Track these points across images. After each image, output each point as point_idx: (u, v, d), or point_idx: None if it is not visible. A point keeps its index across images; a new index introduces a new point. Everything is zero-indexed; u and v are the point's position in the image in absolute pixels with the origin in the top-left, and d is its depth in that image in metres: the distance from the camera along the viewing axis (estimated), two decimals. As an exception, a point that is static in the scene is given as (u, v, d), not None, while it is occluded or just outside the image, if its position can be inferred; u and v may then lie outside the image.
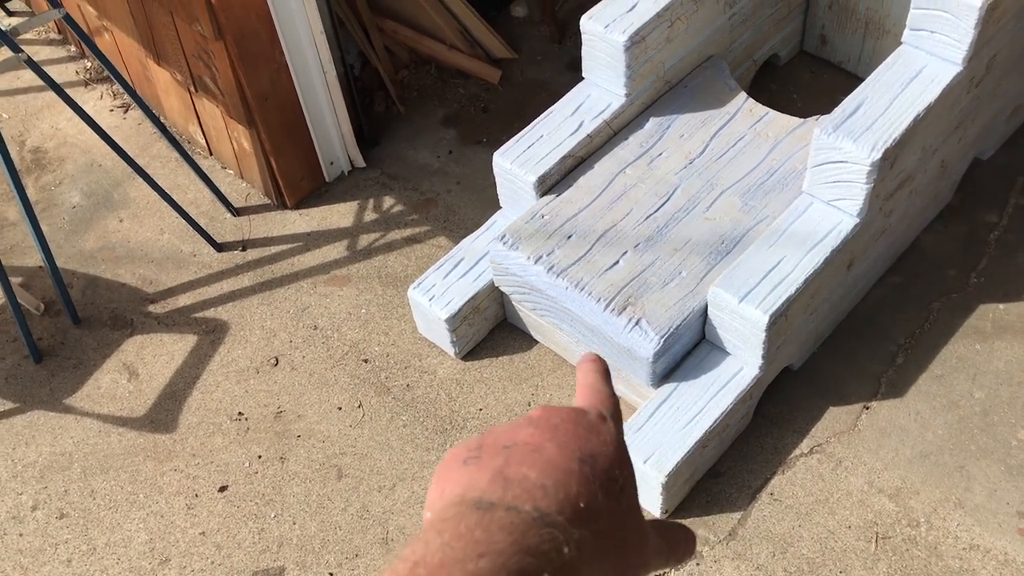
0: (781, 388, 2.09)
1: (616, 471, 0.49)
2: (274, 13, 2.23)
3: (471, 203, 2.55)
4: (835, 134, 1.85)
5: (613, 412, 0.54)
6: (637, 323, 1.91)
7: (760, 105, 2.27)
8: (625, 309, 1.93)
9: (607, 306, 1.94)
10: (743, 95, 2.29)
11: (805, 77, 2.71)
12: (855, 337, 2.17)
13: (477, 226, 2.38)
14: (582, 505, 0.46)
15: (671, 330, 1.89)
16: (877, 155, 1.82)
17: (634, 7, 2.14)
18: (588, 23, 2.14)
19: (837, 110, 1.90)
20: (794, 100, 2.66)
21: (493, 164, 2.18)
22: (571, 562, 0.43)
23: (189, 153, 2.79)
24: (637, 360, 1.92)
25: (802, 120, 2.24)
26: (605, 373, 0.58)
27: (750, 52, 2.54)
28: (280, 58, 2.31)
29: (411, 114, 2.78)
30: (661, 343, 1.88)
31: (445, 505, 0.46)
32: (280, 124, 2.42)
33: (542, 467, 0.47)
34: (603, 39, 2.12)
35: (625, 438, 0.54)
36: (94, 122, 2.26)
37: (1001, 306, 2.19)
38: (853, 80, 2.65)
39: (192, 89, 2.53)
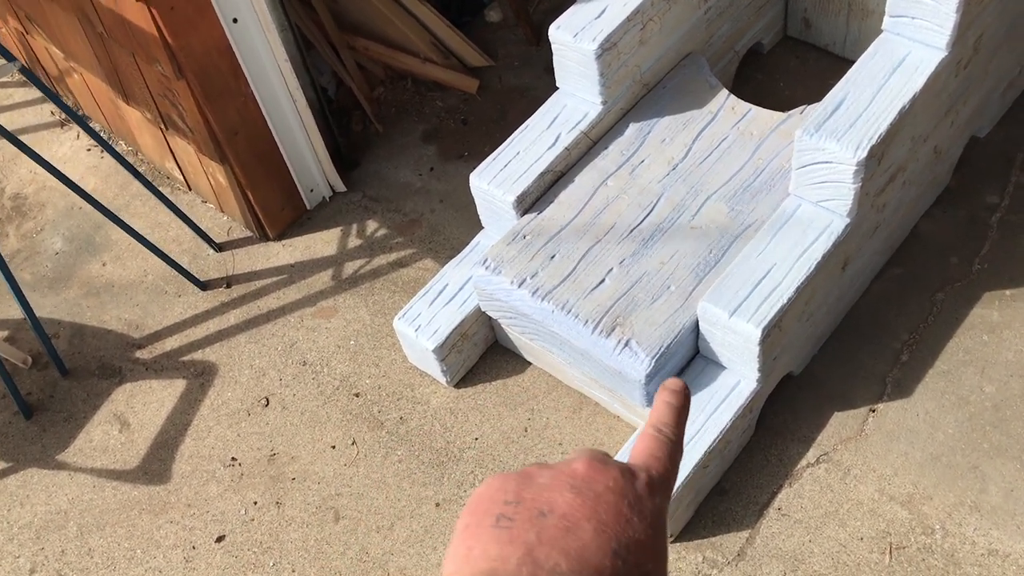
0: (783, 395, 2.03)
1: (649, 564, 0.48)
2: (235, 46, 2.17)
3: (455, 221, 2.48)
4: (818, 134, 1.78)
5: (664, 480, 0.52)
6: (627, 344, 1.84)
7: (742, 102, 2.19)
8: (614, 330, 1.87)
9: (595, 328, 1.88)
10: (724, 92, 2.21)
11: (791, 63, 2.62)
12: (857, 336, 2.09)
13: (463, 245, 2.32)
14: None
15: (662, 349, 1.83)
16: (863, 154, 1.74)
17: (603, 12, 2.06)
18: (556, 32, 2.06)
19: (819, 107, 1.82)
20: (781, 89, 2.57)
21: (471, 185, 2.12)
22: None
23: (167, 188, 2.74)
24: (629, 382, 1.86)
25: (786, 114, 2.16)
26: (681, 410, 0.56)
27: (731, 43, 2.46)
28: (246, 90, 2.25)
29: (390, 132, 2.71)
30: (652, 364, 1.82)
31: None
32: (253, 157, 2.36)
33: (575, 557, 0.46)
34: (573, 48, 2.05)
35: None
36: (63, 175, 2.21)
37: (1007, 292, 2.11)
38: (840, 63, 2.56)
39: (163, 127, 2.47)
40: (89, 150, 2.90)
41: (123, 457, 2.23)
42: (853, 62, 2.52)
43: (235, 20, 2.15)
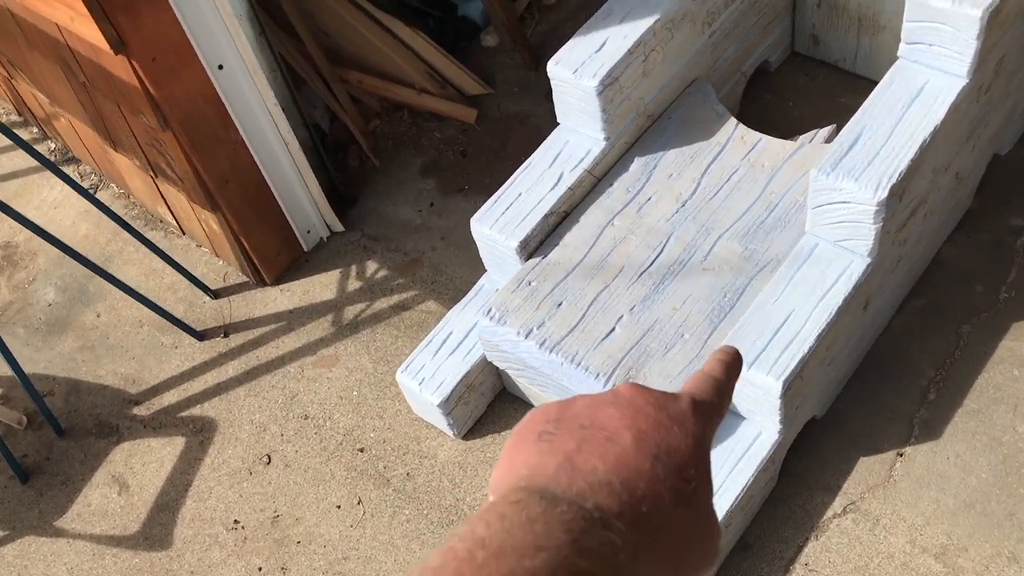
0: (806, 440, 1.93)
1: (692, 470, 0.48)
2: (222, 93, 2.09)
3: (457, 260, 2.40)
4: (834, 173, 1.68)
5: (708, 405, 0.52)
6: (640, 399, 1.75)
7: (751, 131, 2.09)
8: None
9: (607, 382, 1.79)
10: (732, 121, 2.12)
11: (800, 81, 2.53)
12: (880, 375, 2.00)
13: (466, 285, 2.24)
14: (645, 509, 0.46)
15: (677, 404, 1.74)
16: (883, 194, 1.64)
17: (603, 45, 1.97)
18: (555, 68, 1.97)
19: (834, 143, 1.72)
20: (790, 108, 2.48)
21: (472, 230, 2.03)
22: (624, 567, 0.43)
23: (161, 232, 2.67)
24: (644, 438, 1.77)
25: (798, 143, 2.07)
26: (731, 367, 0.56)
27: (737, 65, 2.36)
28: (236, 137, 2.17)
29: (387, 166, 2.63)
30: (668, 420, 1.72)
31: (511, 488, 0.46)
32: (245, 203, 2.28)
33: (614, 461, 0.47)
34: (573, 85, 1.96)
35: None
36: (48, 234, 2.13)
37: (1037, 322, 2.01)
38: (851, 79, 2.46)
39: (152, 174, 2.39)
40: (80, 194, 2.82)
41: (123, 522, 2.16)
42: (864, 78, 2.44)
43: (220, 67, 2.06)
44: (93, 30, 1.83)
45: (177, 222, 2.59)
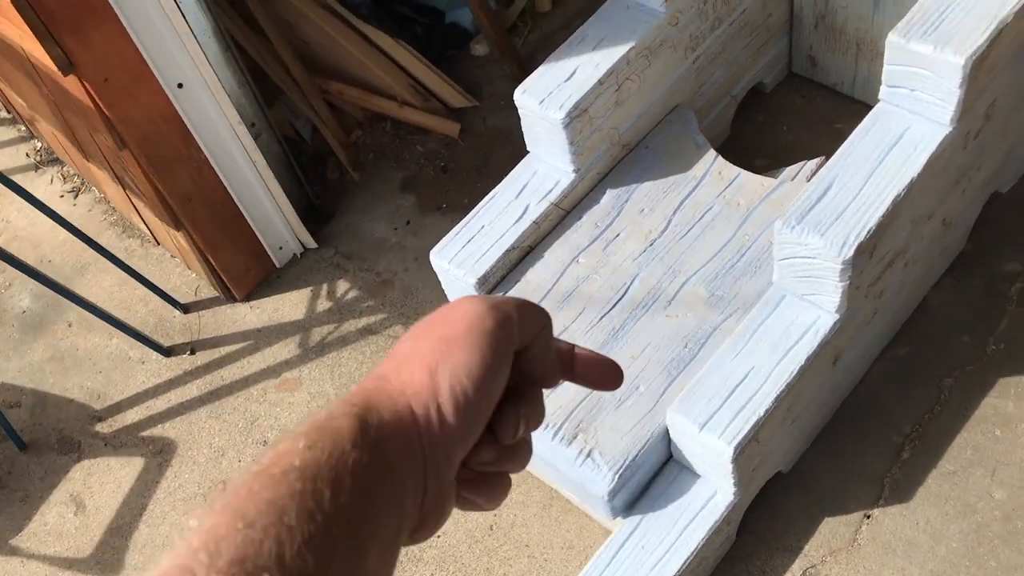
0: (770, 496, 1.85)
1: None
2: (182, 112, 2.03)
3: (429, 282, 2.32)
4: (799, 227, 1.58)
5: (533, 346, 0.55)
6: (589, 455, 1.68)
7: (730, 165, 1.99)
8: (576, 438, 1.70)
9: (555, 434, 1.71)
10: (711, 154, 2.01)
11: (796, 103, 2.41)
12: (853, 429, 1.90)
13: (434, 310, 2.16)
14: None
15: (627, 462, 1.66)
16: (849, 252, 1.54)
17: (573, 74, 1.87)
18: (521, 97, 1.89)
19: (803, 193, 1.62)
20: (785, 132, 2.36)
21: (431, 262, 1.96)
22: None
23: (138, 240, 2.63)
24: (592, 496, 1.70)
25: (778, 180, 1.96)
26: (597, 364, 0.58)
27: (727, 89, 2.25)
28: (198, 156, 2.11)
29: (367, 179, 2.56)
30: (615, 480, 1.65)
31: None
32: (211, 221, 2.22)
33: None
34: (540, 116, 1.87)
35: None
36: (10, 255, 2.09)
37: (1025, 379, 1.90)
38: (849, 104, 2.34)
39: (122, 187, 2.34)
40: (62, 196, 2.79)
41: (77, 544, 2.13)
42: (861, 102, 2.32)
43: (180, 85, 2.00)
44: (40, 51, 1.78)
45: (151, 232, 2.55)
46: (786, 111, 2.40)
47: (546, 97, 1.86)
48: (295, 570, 0.38)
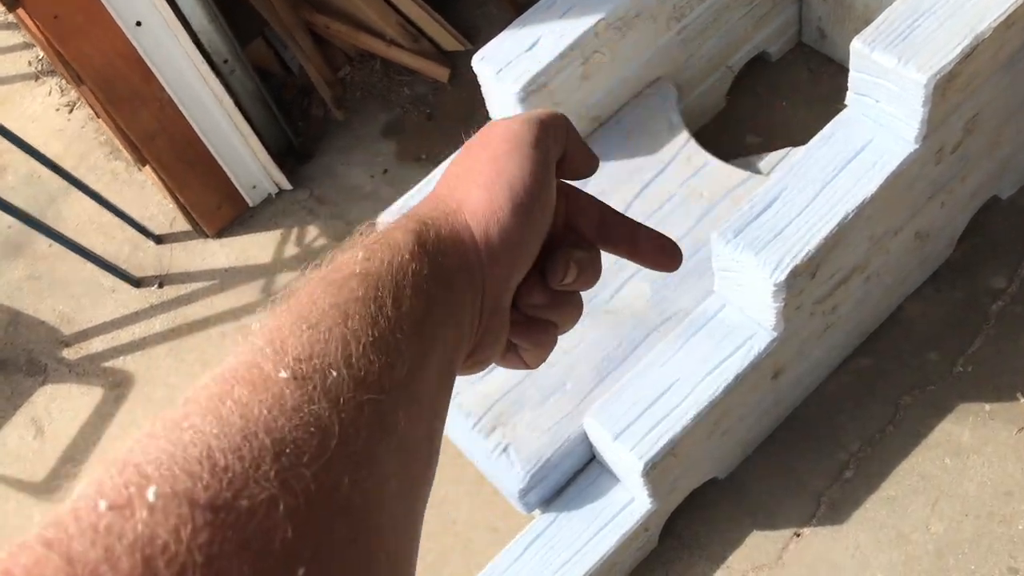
0: (702, 502, 1.79)
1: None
2: (142, 51, 1.97)
3: (398, 238, 2.27)
4: (735, 242, 1.48)
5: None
6: (504, 450, 1.64)
7: (700, 150, 1.87)
8: (495, 430, 1.66)
9: (475, 424, 1.67)
10: (684, 136, 1.89)
11: (802, 76, 2.24)
12: (800, 440, 1.82)
13: (398, 270, 2.12)
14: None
15: (541, 462, 1.62)
16: (782, 276, 1.44)
17: (535, 44, 1.76)
18: (479, 65, 1.78)
19: (745, 204, 1.51)
20: (783, 109, 2.21)
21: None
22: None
23: (123, 164, 2.61)
24: (506, 490, 1.66)
25: (747, 173, 1.84)
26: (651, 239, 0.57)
27: (721, 60, 2.10)
28: (161, 94, 2.06)
29: (351, 119, 2.48)
30: (528, 479, 1.61)
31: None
32: (177, 159, 2.19)
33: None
34: (495, 86, 1.77)
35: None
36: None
37: (987, 407, 1.78)
38: (857, 83, 2.17)
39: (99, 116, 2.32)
40: (58, 110, 2.78)
41: (32, 467, 2.18)
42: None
43: (138, 23, 1.94)
44: (-16, -15, 1.73)
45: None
46: (789, 85, 2.24)
47: (504, 67, 1.75)
48: (361, 370, 0.38)
